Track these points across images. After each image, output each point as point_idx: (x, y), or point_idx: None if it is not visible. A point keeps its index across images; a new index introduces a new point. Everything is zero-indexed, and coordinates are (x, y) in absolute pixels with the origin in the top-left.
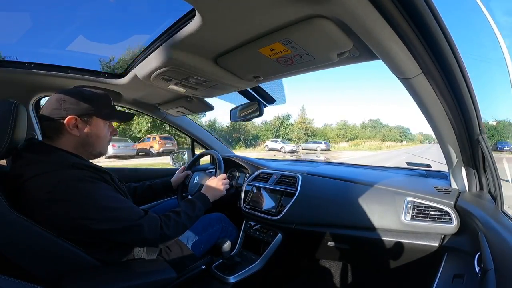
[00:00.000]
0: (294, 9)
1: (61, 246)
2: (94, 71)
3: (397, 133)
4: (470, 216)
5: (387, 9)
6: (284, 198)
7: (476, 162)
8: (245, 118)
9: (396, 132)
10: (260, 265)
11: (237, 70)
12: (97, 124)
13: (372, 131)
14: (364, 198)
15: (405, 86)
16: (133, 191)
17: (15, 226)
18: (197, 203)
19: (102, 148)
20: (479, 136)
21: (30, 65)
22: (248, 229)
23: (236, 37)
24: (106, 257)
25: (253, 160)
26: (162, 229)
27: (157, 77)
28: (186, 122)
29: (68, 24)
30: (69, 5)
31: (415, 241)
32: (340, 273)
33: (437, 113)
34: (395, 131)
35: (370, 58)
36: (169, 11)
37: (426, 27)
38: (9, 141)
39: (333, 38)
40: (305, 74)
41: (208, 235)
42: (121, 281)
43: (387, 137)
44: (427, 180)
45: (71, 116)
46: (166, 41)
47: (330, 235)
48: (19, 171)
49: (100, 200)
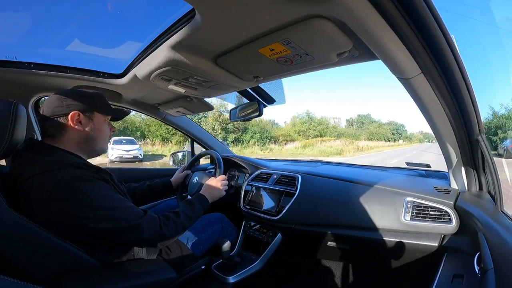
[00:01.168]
0: (294, 10)
1: (61, 246)
2: (93, 71)
3: (388, 131)
4: (469, 216)
5: (386, 9)
6: (283, 198)
7: (476, 162)
8: (245, 118)
9: (387, 129)
10: (260, 265)
11: (237, 70)
12: (99, 120)
13: (359, 128)
14: (364, 198)
15: (404, 86)
16: (133, 191)
17: (14, 226)
18: (196, 204)
19: (103, 143)
20: (479, 136)
21: (29, 65)
22: (248, 229)
23: (236, 37)
24: (106, 257)
25: (252, 160)
26: (161, 229)
27: (156, 77)
28: (186, 122)
29: (68, 24)
30: (69, 5)
31: (414, 241)
32: (340, 273)
33: (437, 113)
34: (386, 128)
35: (370, 58)
36: (169, 11)
37: (426, 27)
38: (8, 141)
39: (332, 38)
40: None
41: (208, 235)
42: (121, 281)
43: (375, 135)
44: (427, 180)
45: (75, 112)
46: (166, 41)
47: (330, 235)
48: (18, 170)
49: (99, 200)
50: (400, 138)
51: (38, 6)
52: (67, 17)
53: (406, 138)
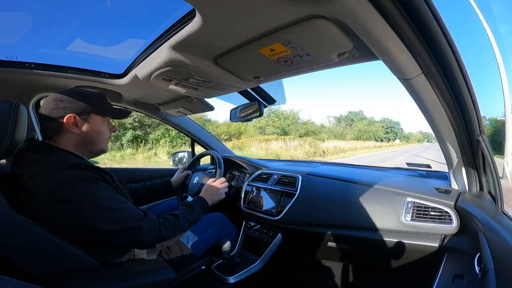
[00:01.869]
0: (294, 10)
1: (61, 246)
2: (94, 71)
3: (381, 129)
4: (470, 216)
5: (387, 9)
6: (284, 198)
7: (476, 162)
8: (245, 118)
9: (379, 127)
10: (260, 266)
11: (237, 70)
12: (96, 121)
13: (348, 125)
14: (364, 198)
15: (405, 86)
16: (134, 192)
17: (15, 226)
18: (196, 207)
19: (103, 144)
20: (479, 137)
21: (30, 65)
22: (248, 229)
23: (236, 37)
24: (106, 257)
25: (253, 161)
26: (160, 231)
27: (157, 77)
28: (186, 122)
29: (68, 24)
30: (69, 5)
31: (415, 242)
32: (340, 274)
33: (437, 114)
34: (378, 126)
35: (370, 59)
36: (169, 11)
37: (427, 28)
38: (9, 141)
39: (333, 38)
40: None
41: (208, 235)
42: (121, 281)
43: (365, 134)
44: (427, 181)
45: (70, 115)
46: (166, 41)
47: (330, 236)
48: (19, 170)
49: (100, 201)
50: (395, 138)
51: (39, 6)
52: (68, 18)
53: (403, 138)
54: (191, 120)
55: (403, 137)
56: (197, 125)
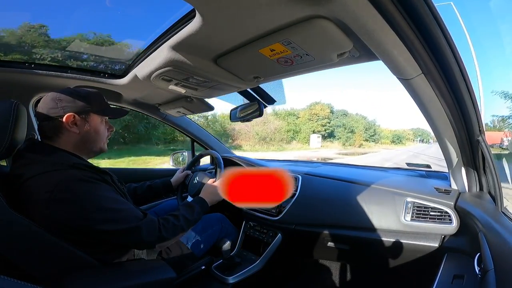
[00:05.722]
0: (294, 10)
1: (61, 246)
2: (94, 71)
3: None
4: (470, 216)
5: (387, 10)
6: None
7: (476, 162)
8: (245, 118)
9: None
10: (260, 266)
11: (237, 70)
12: (95, 121)
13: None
14: (364, 198)
15: (405, 86)
16: (133, 191)
17: (14, 226)
18: (196, 207)
19: (102, 144)
20: (479, 137)
21: (30, 65)
22: (248, 229)
23: (236, 37)
24: (106, 257)
25: (253, 161)
26: (160, 232)
27: (157, 78)
28: (186, 122)
29: (68, 23)
30: (70, 6)
31: (415, 242)
32: (340, 274)
33: (437, 114)
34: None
35: (370, 59)
36: (169, 11)
37: (427, 28)
38: (9, 141)
39: (333, 38)
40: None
41: (207, 235)
42: (121, 281)
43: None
44: (427, 181)
45: (70, 114)
46: (166, 42)
47: (330, 236)
48: (19, 171)
49: (100, 201)
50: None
51: (39, 6)
52: (67, 17)
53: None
54: (191, 120)
55: (379, 138)
56: (197, 125)
